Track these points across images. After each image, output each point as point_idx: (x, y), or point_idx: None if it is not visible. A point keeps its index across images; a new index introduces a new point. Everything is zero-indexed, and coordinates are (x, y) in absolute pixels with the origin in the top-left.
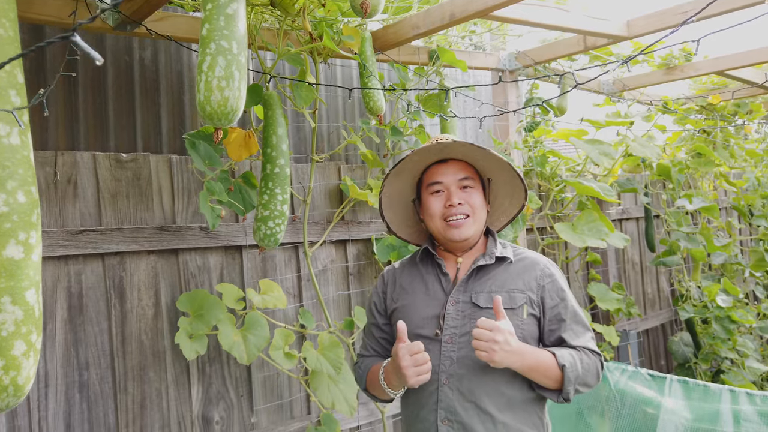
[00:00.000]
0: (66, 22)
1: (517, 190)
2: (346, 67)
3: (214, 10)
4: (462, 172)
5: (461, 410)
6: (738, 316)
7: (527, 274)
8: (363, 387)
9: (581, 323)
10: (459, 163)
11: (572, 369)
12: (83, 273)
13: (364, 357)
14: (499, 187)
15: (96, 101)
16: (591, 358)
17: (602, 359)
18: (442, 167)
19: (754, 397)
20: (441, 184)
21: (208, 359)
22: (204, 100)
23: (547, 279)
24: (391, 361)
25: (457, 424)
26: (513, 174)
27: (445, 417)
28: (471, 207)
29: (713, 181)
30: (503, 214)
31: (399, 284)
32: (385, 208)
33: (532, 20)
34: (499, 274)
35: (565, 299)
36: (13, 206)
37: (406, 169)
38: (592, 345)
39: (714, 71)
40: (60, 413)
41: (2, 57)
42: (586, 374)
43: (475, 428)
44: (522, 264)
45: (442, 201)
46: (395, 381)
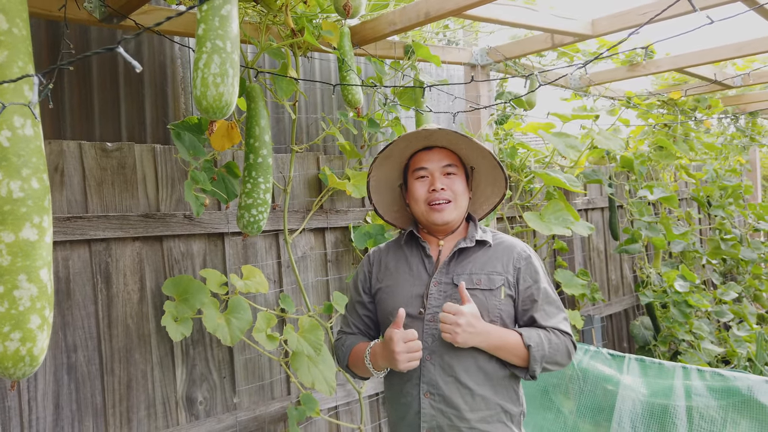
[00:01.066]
0: (54, 15)
1: (499, 178)
2: (324, 61)
3: (209, 11)
4: (446, 159)
5: (442, 384)
6: (694, 301)
7: (505, 257)
8: (344, 365)
9: (554, 304)
10: (443, 151)
11: (538, 348)
12: (70, 258)
13: (346, 334)
14: (482, 176)
15: (81, 92)
16: (560, 338)
17: (573, 339)
18: (427, 154)
19: (704, 373)
20: (426, 170)
21: (191, 342)
22: (200, 95)
23: (523, 262)
24: (382, 344)
25: (439, 396)
26: (494, 163)
27: (427, 390)
28: (453, 192)
29: (674, 173)
30: (486, 201)
31: (384, 265)
32: (372, 191)
33: (502, 19)
34: (479, 257)
35: (538, 281)
36: (28, 192)
37: (394, 155)
38: (563, 326)
39: (674, 68)
40: (49, 394)
41: (17, 54)
42: (555, 353)
43: (455, 401)
44: (500, 247)
45: (426, 186)
46: (382, 363)
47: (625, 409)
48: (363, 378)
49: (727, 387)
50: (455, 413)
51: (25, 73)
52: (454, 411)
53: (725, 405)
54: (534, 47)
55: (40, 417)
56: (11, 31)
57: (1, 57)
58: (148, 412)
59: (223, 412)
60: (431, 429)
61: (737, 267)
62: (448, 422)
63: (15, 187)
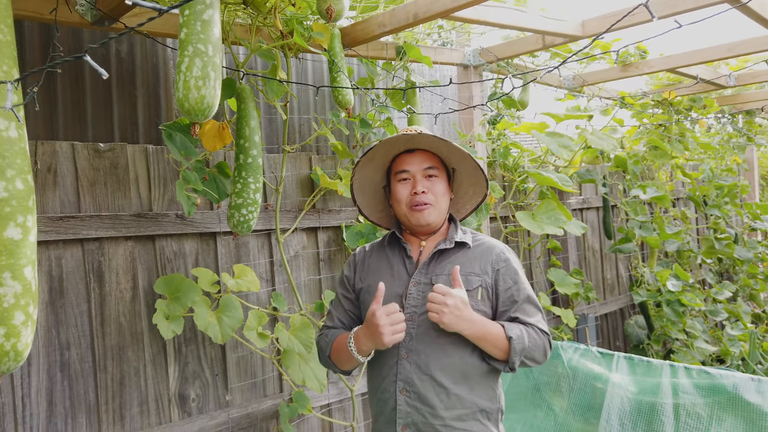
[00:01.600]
0: (46, 18)
1: (479, 179)
2: (317, 62)
3: (191, 16)
4: (427, 162)
5: (418, 382)
6: (687, 300)
7: (483, 258)
8: (326, 355)
9: (533, 304)
10: (425, 153)
11: (519, 341)
12: (63, 257)
13: (329, 328)
14: (463, 177)
15: (74, 93)
16: (539, 336)
17: (550, 339)
18: (409, 157)
19: (691, 371)
20: (408, 173)
21: (184, 340)
22: (182, 98)
23: (502, 263)
24: (365, 324)
25: (414, 394)
26: (474, 164)
27: (403, 388)
28: (434, 195)
29: (670, 172)
30: (468, 201)
31: (367, 265)
32: (356, 193)
33: (491, 20)
34: (458, 259)
35: (518, 282)
36: (12, 192)
37: (377, 158)
38: (541, 325)
39: (666, 68)
40: (42, 390)
41: (3, 59)
42: (533, 349)
43: (430, 399)
44: (479, 249)
45: (408, 188)
46: (367, 344)
47: (613, 406)
48: (343, 371)
49: (714, 385)
50: (430, 411)
51: (9, 76)
52: (428, 409)
53: (711, 402)
54: (525, 48)
55: (33, 413)
56: None
57: None
58: (140, 409)
59: (215, 410)
60: (407, 425)
61: (733, 266)
62: (423, 419)
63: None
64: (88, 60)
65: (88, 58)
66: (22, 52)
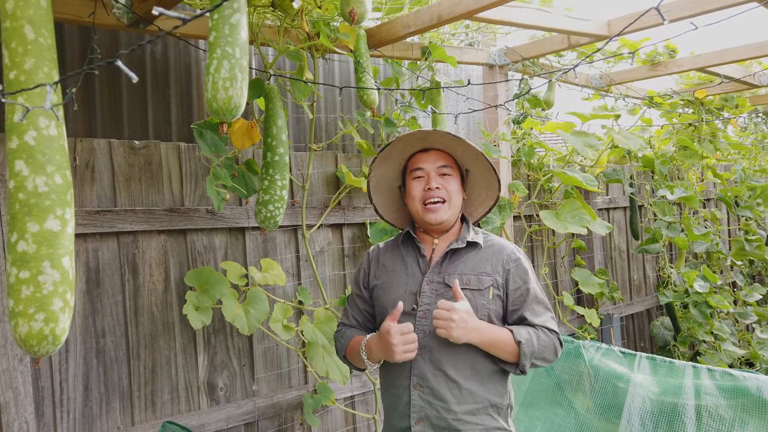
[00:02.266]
0: (85, 20)
1: (492, 181)
2: (344, 62)
3: (220, 20)
4: (441, 161)
5: (431, 377)
6: (715, 302)
7: (494, 258)
8: (342, 355)
9: (542, 304)
10: (440, 153)
11: (528, 345)
12: (100, 249)
13: (345, 326)
14: (476, 178)
15: (111, 93)
16: (548, 336)
17: (559, 337)
18: (424, 155)
19: (714, 372)
20: (422, 170)
21: (213, 330)
22: (211, 98)
23: (512, 264)
24: (378, 336)
25: (427, 389)
26: (487, 165)
27: (417, 383)
28: (448, 192)
29: (700, 172)
30: (481, 204)
31: (381, 263)
32: (372, 192)
33: (515, 21)
34: (470, 258)
35: (527, 282)
36: (51, 187)
37: (392, 156)
38: (550, 324)
39: (695, 68)
40: (79, 376)
41: (44, 62)
42: (543, 350)
43: (443, 394)
44: (491, 249)
45: (422, 185)
46: (378, 354)
47: (634, 406)
48: (358, 369)
49: (737, 387)
50: (443, 405)
51: (50, 78)
52: (441, 403)
53: (735, 405)
54: (551, 48)
55: (70, 397)
56: (38, 40)
57: (28, 64)
58: (171, 396)
59: (242, 399)
60: (420, 419)
61: (765, 269)
62: (436, 413)
63: (40, 182)
64: (120, 65)
65: (120, 63)
66: (63, 53)
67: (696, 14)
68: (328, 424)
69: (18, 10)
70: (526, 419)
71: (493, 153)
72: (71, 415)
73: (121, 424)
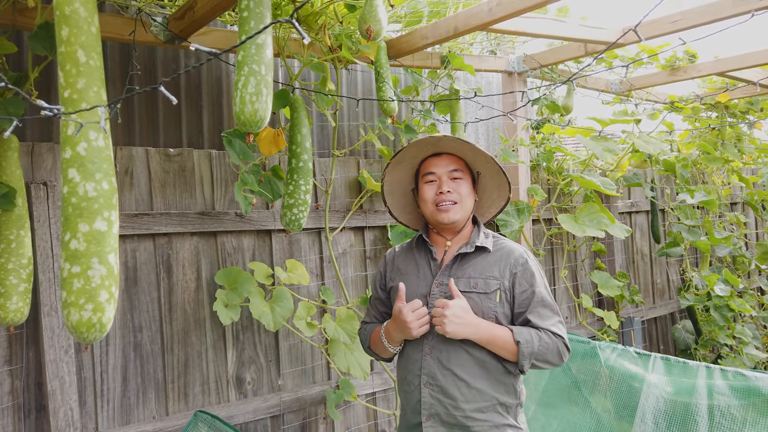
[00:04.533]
0: (126, 38)
1: (503, 182)
2: (366, 72)
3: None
4: (453, 165)
5: (440, 376)
6: (736, 305)
7: (502, 262)
8: (367, 346)
9: (548, 307)
10: (451, 157)
11: (527, 345)
12: (137, 250)
13: (367, 323)
14: (487, 180)
15: (149, 104)
16: (552, 338)
17: (566, 342)
18: (435, 159)
19: (727, 372)
20: (434, 174)
21: (241, 327)
22: (239, 111)
23: (520, 267)
24: (392, 319)
25: (437, 387)
26: (497, 168)
27: (427, 381)
28: (459, 195)
29: (724, 176)
30: (493, 205)
31: (396, 266)
32: (387, 195)
33: (530, 31)
34: (479, 262)
35: (533, 285)
36: (99, 192)
37: (405, 161)
38: (555, 328)
39: (715, 72)
40: (118, 368)
41: (93, 81)
42: (544, 352)
43: (452, 392)
44: (499, 253)
45: (434, 189)
46: (396, 336)
47: (648, 405)
48: (383, 358)
49: (749, 387)
50: (451, 403)
51: (98, 96)
52: (450, 401)
53: (746, 404)
54: (568, 55)
55: (110, 388)
56: (88, 63)
57: (80, 84)
58: (202, 389)
59: (268, 392)
60: (431, 416)
61: None
62: (445, 411)
63: (90, 188)
64: (162, 90)
65: (162, 89)
66: (105, 68)
67: (710, 21)
68: (350, 419)
69: (72, 37)
70: (542, 417)
71: (511, 158)
72: (110, 404)
73: (156, 414)
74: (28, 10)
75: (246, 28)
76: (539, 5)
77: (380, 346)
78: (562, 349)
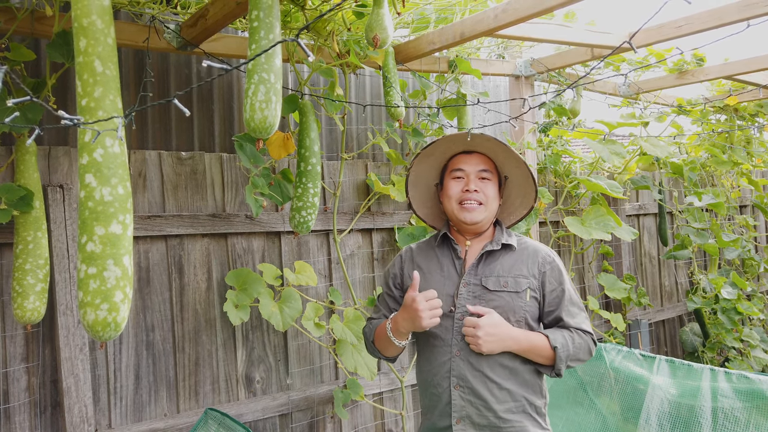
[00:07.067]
0: (140, 45)
1: (529, 191)
2: (374, 77)
3: (256, 50)
4: (483, 165)
5: (471, 378)
6: (744, 308)
7: (530, 260)
8: (371, 341)
9: (576, 305)
10: (482, 156)
11: (563, 349)
12: (150, 251)
13: (373, 319)
14: (513, 186)
15: (161, 108)
16: (583, 337)
17: (594, 338)
18: (466, 157)
19: (731, 375)
20: (463, 171)
21: (251, 327)
22: (249, 118)
23: (548, 266)
24: (402, 308)
25: (468, 389)
26: (527, 174)
27: (457, 383)
28: (485, 196)
29: (733, 179)
30: (513, 213)
31: (416, 264)
32: (410, 186)
33: (536, 37)
34: (506, 260)
35: (562, 284)
36: (115, 196)
37: (436, 154)
38: (585, 325)
39: (723, 76)
40: (131, 366)
41: (109, 90)
42: (578, 352)
43: (483, 393)
44: (526, 252)
45: (460, 186)
46: (404, 326)
47: (653, 407)
48: (387, 358)
49: (753, 390)
50: (483, 404)
51: (114, 104)
52: (482, 402)
53: (750, 407)
54: (575, 59)
55: (123, 385)
56: (105, 72)
57: (97, 92)
58: (212, 387)
59: (277, 391)
60: (461, 418)
61: None
62: (477, 412)
63: (106, 193)
64: (176, 103)
65: (176, 101)
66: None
67: (715, 27)
68: (358, 418)
69: (89, 48)
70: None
71: None
72: (123, 401)
73: (168, 411)
74: (46, 19)
75: (256, 37)
76: (544, 12)
77: (384, 342)
78: (591, 345)
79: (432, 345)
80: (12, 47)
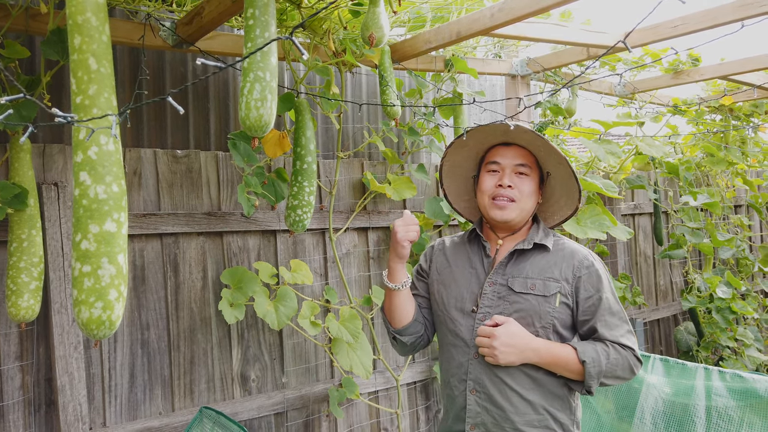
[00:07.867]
0: (135, 43)
1: (572, 189)
2: (371, 75)
3: (252, 48)
4: (520, 158)
5: (489, 383)
6: (738, 308)
7: (564, 263)
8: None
9: (616, 315)
10: (521, 150)
11: (594, 365)
12: (145, 249)
13: None
14: (557, 183)
15: (156, 106)
16: (621, 352)
17: (636, 353)
18: (503, 149)
19: (725, 374)
20: (498, 165)
21: (246, 326)
22: (245, 116)
23: (584, 270)
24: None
25: (485, 395)
26: (569, 171)
27: (473, 387)
28: (520, 192)
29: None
30: (558, 211)
31: (446, 258)
32: (444, 177)
33: (531, 36)
34: (537, 261)
35: (600, 291)
36: (110, 194)
37: (470, 144)
38: (624, 339)
39: (718, 76)
40: (126, 364)
41: (104, 88)
42: (614, 368)
43: (500, 401)
44: (561, 254)
45: (494, 180)
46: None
47: (647, 406)
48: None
49: (746, 389)
50: (500, 413)
51: (109, 102)
52: (498, 411)
53: (743, 406)
54: (571, 59)
55: (118, 384)
56: (99, 70)
57: (92, 90)
58: (207, 386)
59: (272, 390)
60: (475, 425)
61: None
62: (493, 421)
63: (100, 191)
64: (170, 101)
65: (170, 99)
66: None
67: (710, 27)
68: (353, 417)
69: (84, 45)
70: None
71: None
72: (118, 400)
73: (163, 410)
74: (41, 16)
75: (251, 35)
76: (540, 11)
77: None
78: (634, 363)
79: (452, 344)
80: (6, 44)
